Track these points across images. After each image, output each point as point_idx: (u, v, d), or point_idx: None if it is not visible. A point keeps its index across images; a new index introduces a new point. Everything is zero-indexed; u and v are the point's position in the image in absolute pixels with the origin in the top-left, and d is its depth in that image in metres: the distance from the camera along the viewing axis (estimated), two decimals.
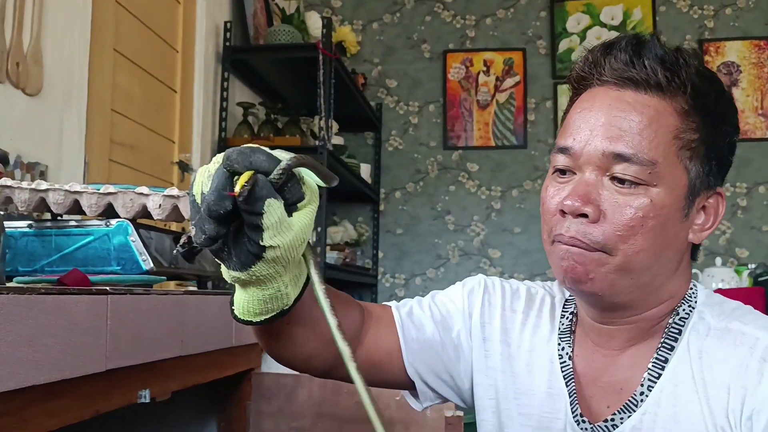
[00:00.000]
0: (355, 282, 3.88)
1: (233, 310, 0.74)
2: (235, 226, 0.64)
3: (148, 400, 1.04)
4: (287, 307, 0.73)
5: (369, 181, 3.94)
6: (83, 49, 2.09)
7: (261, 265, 0.65)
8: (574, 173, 0.83)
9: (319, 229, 3.00)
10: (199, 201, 0.63)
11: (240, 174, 0.61)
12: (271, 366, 1.53)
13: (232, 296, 0.74)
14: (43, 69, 1.90)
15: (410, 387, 0.98)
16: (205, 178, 0.63)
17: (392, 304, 0.99)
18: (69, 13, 2.02)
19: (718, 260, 3.57)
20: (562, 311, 0.96)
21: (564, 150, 0.83)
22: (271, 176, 0.62)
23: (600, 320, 0.87)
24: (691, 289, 0.88)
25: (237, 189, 0.60)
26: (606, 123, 0.81)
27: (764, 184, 3.88)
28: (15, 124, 1.80)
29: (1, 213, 1.20)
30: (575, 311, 0.94)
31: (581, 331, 0.92)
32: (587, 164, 0.81)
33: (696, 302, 0.86)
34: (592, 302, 0.86)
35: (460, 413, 1.35)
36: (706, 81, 0.84)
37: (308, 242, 0.67)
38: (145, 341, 0.99)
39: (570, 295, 0.96)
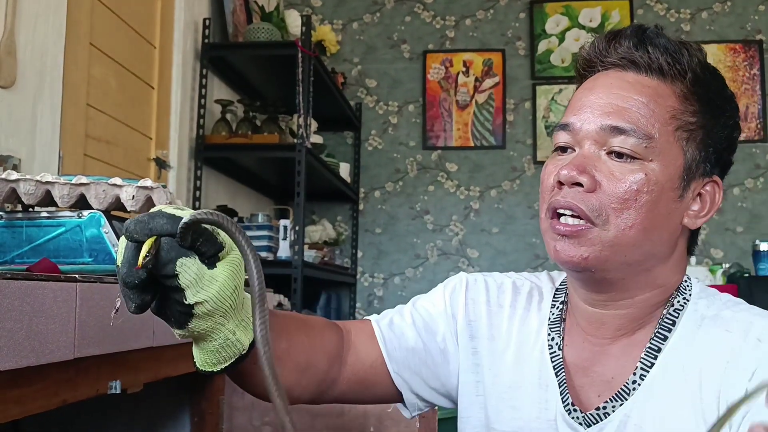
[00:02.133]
0: (333, 281, 3.87)
1: (194, 362, 0.74)
2: (162, 290, 0.65)
3: (118, 391, 1.03)
4: (244, 351, 0.72)
5: (348, 180, 3.94)
6: (58, 41, 2.07)
7: (196, 322, 0.66)
8: (574, 149, 0.85)
9: (297, 227, 3.00)
10: (118, 274, 0.64)
11: (143, 243, 0.61)
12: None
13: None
14: (17, 61, 1.88)
15: (400, 399, 0.97)
16: (121, 249, 0.63)
17: (372, 317, 0.98)
18: (43, 4, 2.00)
19: (693, 260, 3.60)
20: (552, 300, 0.96)
21: (564, 126, 0.85)
22: (177, 237, 0.62)
23: (592, 303, 0.87)
24: (686, 281, 0.88)
25: (140, 261, 0.60)
26: (606, 100, 0.83)
27: (738, 186, 3.92)
28: None
29: None
30: (566, 300, 0.94)
31: (572, 320, 0.92)
32: (586, 138, 0.83)
33: (691, 294, 0.87)
34: (584, 279, 0.86)
35: (436, 407, 1.35)
36: (708, 72, 0.86)
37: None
38: (114, 331, 0.98)
39: (561, 284, 0.96)
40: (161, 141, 2.80)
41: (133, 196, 1.26)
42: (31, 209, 1.32)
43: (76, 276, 0.88)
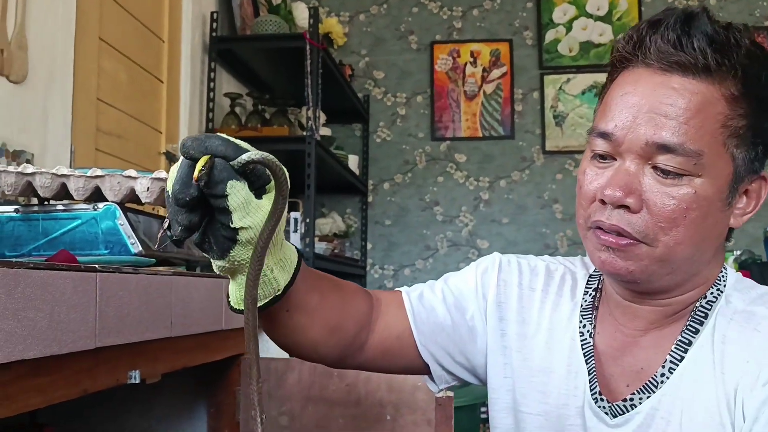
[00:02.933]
0: (344, 273, 3.88)
1: (229, 302, 0.74)
2: (209, 215, 0.66)
3: (138, 381, 1.04)
4: (279, 293, 0.73)
5: (357, 172, 3.94)
6: (68, 36, 2.07)
7: (238, 249, 0.66)
8: (614, 159, 0.80)
9: (307, 220, 3.00)
10: (169, 193, 0.64)
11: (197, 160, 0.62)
12: (260, 351, 1.53)
13: (227, 287, 0.74)
14: (28, 56, 1.88)
15: (426, 371, 0.97)
16: (173, 171, 0.64)
17: (403, 289, 0.98)
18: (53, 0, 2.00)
19: None
20: (586, 287, 0.94)
21: (605, 135, 0.80)
22: (234, 162, 0.63)
23: (629, 298, 0.86)
24: (722, 273, 0.86)
25: (195, 174, 0.61)
26: (650, 110, 0.77)
27: None
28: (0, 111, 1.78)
29: None
30: (600, 287, 0.93)
31: (605, 309, 0.90)
32: (629, 152, 0.78)
33: (725, 286, 0.84)
34: (626, 286, 0.84)
35: (451, 394, 1.35)
36: (757, 63, 0.79)
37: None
38: (133, 321, 0.99)
39: (595, 270, 0.95)
40: (171, 135, 2.81)
41: (148, 188, 1.27)
42: (46, 202, 1.32)
43: (96, 266, 0.89)
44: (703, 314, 0.83)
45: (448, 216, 4.15)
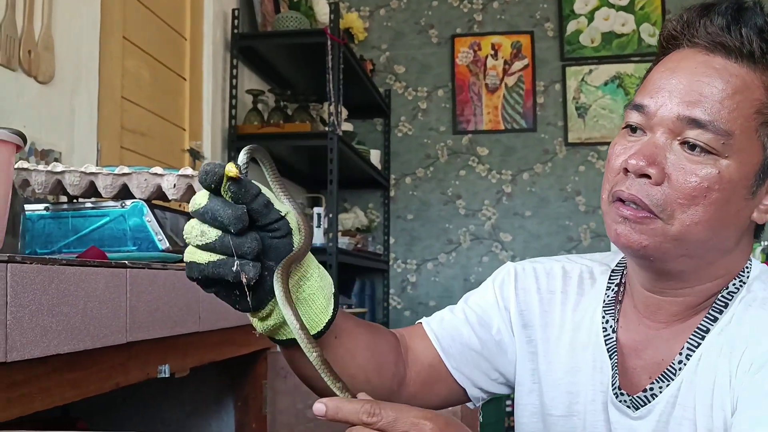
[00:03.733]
0: (367, 268, 3.89)
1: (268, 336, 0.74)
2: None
3: (167, 375, 1.06)
4: (330, 317, 0.74)
5: (379, 167, 3.95)
6: (93, 36, 2.10)
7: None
8: (645, 133, 0.80)
9: (330, 215, 3.01)
10: (216, 240, 0.63)
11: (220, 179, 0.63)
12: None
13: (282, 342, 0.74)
14: (55, 56, 1.91)
15: (466, 397, 0.97)
16: (206, 220, 0.63)
17: (423, 320, 0.98)
18: (78, 0, 2.03)
19: None
20: (608, 282, 0.93)
21: (639, 107, 0.80)
22: (239, 163, 0.65)
23: (650, 288, 0.85)
24: (747, 265, 0.85)
25: (234, 171, 0.62)
26: (687, 86, 0.77)
27: None
28: (28, 111, 1.81)
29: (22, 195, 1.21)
30: (622, 281, 0.92)
31: (629, 302, 0.90)
32: (659, 125, 0.78)
33: (748, 277, 0.84)
34: (643, 265, 0.84)
35: (478, 406, 1.35)
36: None
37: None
38: (162, 316, 1.00)
39: (618, 264, 0.94)
40: (195, 132, 2.83)
41: (174, 185, 1.28)
42: (75, 200, 1.34)
43: (126, 263, 0.90)
44: (723, 304, 0.82)
45: (470, 210, 4.15)
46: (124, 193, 1.31)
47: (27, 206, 1.29)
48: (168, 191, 1.29)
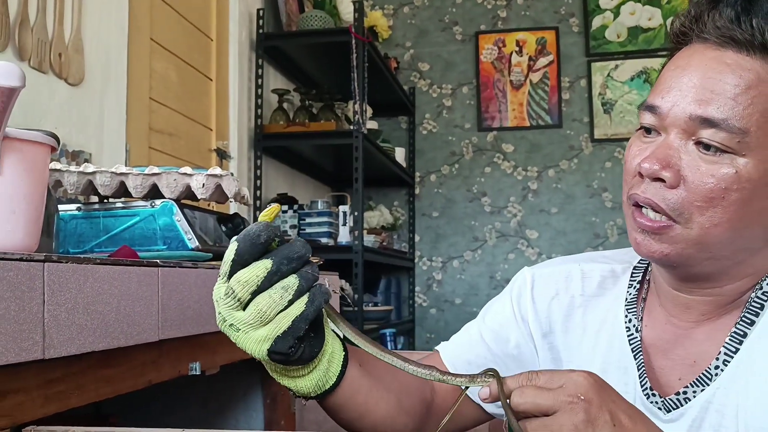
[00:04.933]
0: (392, 265, 3.90)
1: (303, 395, 0.75)
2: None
3: (198, 373, 1.07)
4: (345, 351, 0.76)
5: (404, 164, 3.95)
6: (121, 38, 2.13)
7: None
8: (660, 134, 0.78)
9: (356, 213, 3.02)
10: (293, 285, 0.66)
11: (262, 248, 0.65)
12: None
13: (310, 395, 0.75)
14: (84, 59, 1.94)
15: (488, 417, 0.96)
16: (281, 274, 0.65)
17: (440, 345, 0.98)
18: (107, 3, 2.05)
19: None
20: (630, 280, 0.92)
21: (651, 108, 0.78)
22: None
23: (678, 288, 0.83)
24: None
25: (269, 216, 0.66)
26: (699, 84, 0.75)
27: None
28: (58, 113, 1.84)
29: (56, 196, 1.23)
30: (645, 279, 0.91)
31: (655, 300, 0.88)
32: (673, 126, 0.76)
33: None
34: (668, 270, 0.82)
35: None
36: None
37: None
38: (193, 314, 1.01)
39: (640, 261, 0.92)
40: (221, 132, 2.86)
41: (203, 184, 1.30)
42: (106, 200, 1.37)
43: (158, 261, 0.92)
44: (758, 305, 0.80)
45: (496, 207, 4.14)
46: (153, 193, 1.32)
47: (59, 207, 1.32)
48: (197, 191, 1.30)
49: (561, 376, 0.65)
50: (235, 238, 0.64)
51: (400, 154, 3.88)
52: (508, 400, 0.64)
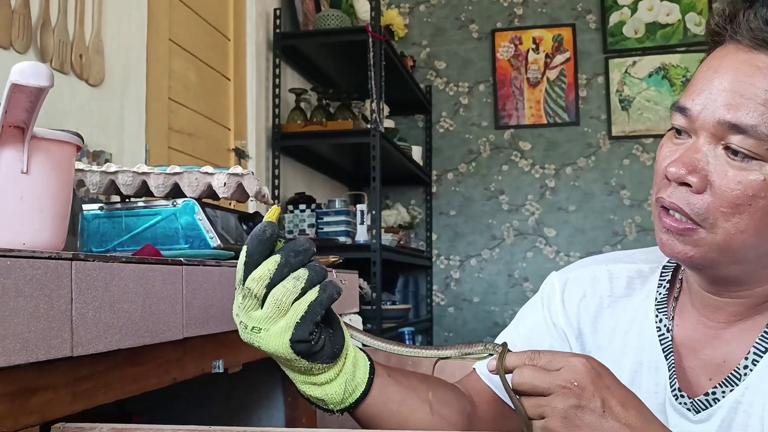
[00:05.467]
0: (410, 264, 3.90)
1: (327, 407, 0.75)
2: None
3: (221, 371, 1.07)
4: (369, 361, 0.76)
5: (421, 163, 3.95)
6: (141, 39, 2.14)
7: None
8: (690, 136, 0.77)
9: (373, 212, 3.03)
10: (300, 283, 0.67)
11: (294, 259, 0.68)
12: None
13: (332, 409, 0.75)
14: (104, 60, 1.95)
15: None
16: (289, 269, 0.67)
17: (475, 363, 0.97)
18: (126, 4, 2.07)
19: None
20: (660, 279, 0.91)
21: (682, 110, 0.77)
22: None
23: (708, 289, 0.83)
24: None
25: (272, 217, 0.68)
26: (729, 88, 0.73)
27: None
28: (80, 113, 1.85)
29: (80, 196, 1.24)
30: (674, 278, 0.90)
31: (686, 300, 0.87)
32: (702, 129, 0.75)
33: None
34: (695, 272, 0.82)
35: None
36: None
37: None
38: (217, 312, 1.02)
39: (669, 261, 0.92)
40: (239, 131, 2.87)
41: (225, 183, 1.30)
42: (128, 200, 1.38)
43: (181, 260, 0.92)
44: None
45: (513, 205, 4.12)
46: (175, 192, 1.33)
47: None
48: (218, 189, 1.31)
49: (561, 359, 0.68)
50: (244, 243, 0.68)
51: (417, 153, 3.88)
52: (508, 377, 0.69)
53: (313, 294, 0.67)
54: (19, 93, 0.66)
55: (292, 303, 0.66)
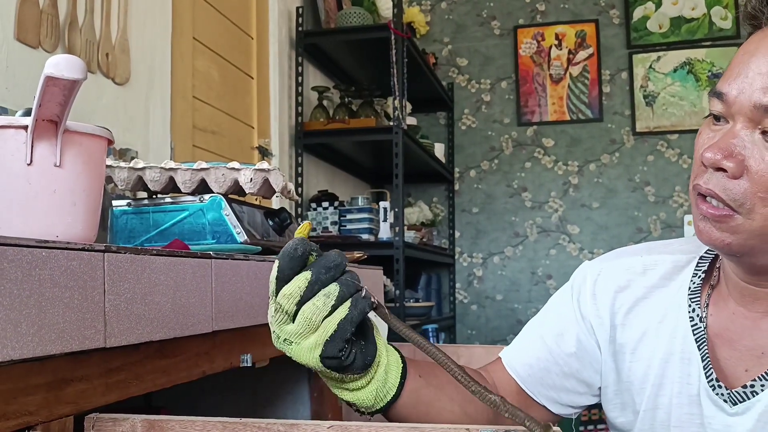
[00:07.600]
0: (432, 262, 3.89)
1: (361, 410, 0.76)
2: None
3: (249, 364, 1.08)
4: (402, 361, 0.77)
5: (443, 160, 3.94)
6: (165, 38, 2.16)
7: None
8: (728, 121, 0.76)
9: (396, 209, 3.02)
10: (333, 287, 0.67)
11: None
12: None
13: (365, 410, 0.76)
14: (130, 59, 1.97)
15: (556, 418, 0.95)
16: (320, 284, 0.67)
17: (502, 352, 0.98)
18: (151, 3, 2.08)
19: None
20: (695, 269, 0.89)
21: (718, 95, 0.76)
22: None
23: (745, 279, 0.81)
24: None
25: (303, 232, 0.69)
26: (766, 72, 0.72)
27: None
28: (106, 111, 1.87)
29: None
30: (710, 267, 0.89)
31: (722, 290, 0.86)
32: (739, 114, 0.74)
33: None
34: (732, 260, 0.81)
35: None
36: None
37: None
38: (245, 306, 1.02)
39: (707, 251, 0.90)
40: (263, 129, 2.88)
41: (251, 179, 1.31)
42: (155, 195, 1.39)
43: (211, 253, 0.93)
44: None
45: (536, 202, 4.11)
46: (202, 188, 1.34)
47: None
48: (245, 185, 1.31)
49: None
50: (276, 258, 0.68)
51: (439, 150, 3.88)
52: None
53: (343, 311, 0.67)
54: (53, 86, 0.67)
55: (322, 320, 0.67)
